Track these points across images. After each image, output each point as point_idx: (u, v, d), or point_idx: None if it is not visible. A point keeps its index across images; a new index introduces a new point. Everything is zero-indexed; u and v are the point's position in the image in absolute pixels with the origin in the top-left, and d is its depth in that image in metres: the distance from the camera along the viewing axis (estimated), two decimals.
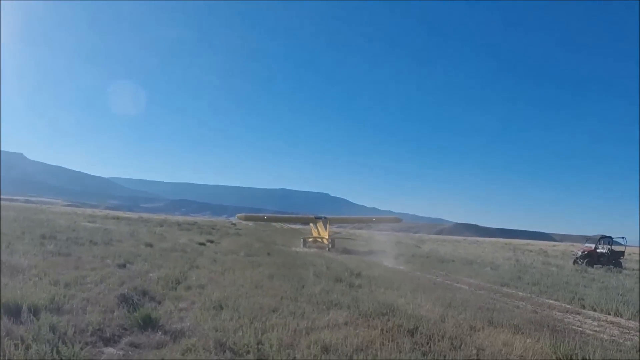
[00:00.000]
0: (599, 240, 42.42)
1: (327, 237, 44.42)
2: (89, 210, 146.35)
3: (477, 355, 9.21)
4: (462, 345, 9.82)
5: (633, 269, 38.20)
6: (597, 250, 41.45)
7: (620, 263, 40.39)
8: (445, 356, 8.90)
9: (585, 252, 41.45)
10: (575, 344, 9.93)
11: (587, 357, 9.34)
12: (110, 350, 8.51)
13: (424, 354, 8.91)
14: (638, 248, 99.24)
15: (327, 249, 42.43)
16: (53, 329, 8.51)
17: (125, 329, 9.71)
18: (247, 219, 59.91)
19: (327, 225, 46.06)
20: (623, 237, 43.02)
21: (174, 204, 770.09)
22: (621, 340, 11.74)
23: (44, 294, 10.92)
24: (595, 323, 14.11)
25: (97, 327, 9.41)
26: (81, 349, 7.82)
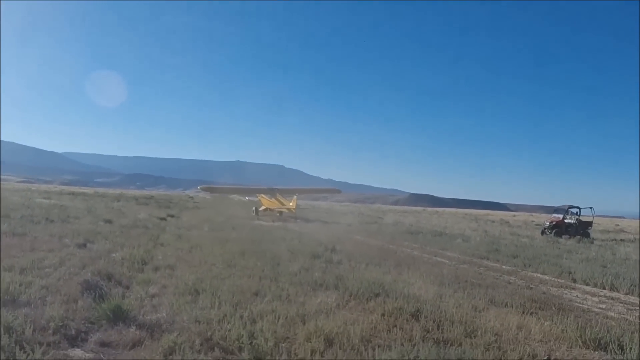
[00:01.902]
0: (567, 210, 42.14)
1: (294, 207, 47.87)
2: (43, 187, 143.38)
3: (496, 343, 8.11)
4: (477, 331, 8.69)
5: (603, 240, 37.97)
6: (565, 221, 41.16)
7: (589, 233, 40.20)
8: (462, 344, 7.82)
9: (554, 223, 41.13)
10: (600, 328, 8.94)
11: (611, 340, 8.39)
12: (77, 352, 7.01)
13: (437, 343, 7.79)
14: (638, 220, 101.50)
15: (294, 218, 45.49)
16: (9, 330, 7.09)
17: (92, 323, 8.19)
18: (210, 190, 58.69)
19: (277, 196, 49.60)
20: (591, 208, 42.83)
21: (129, 178, 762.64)
22: (631, 319, 10.87)
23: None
24: (596, 299, 13.27)
25: (60, 323, 7.83)
26: (43, 353, 6.48)
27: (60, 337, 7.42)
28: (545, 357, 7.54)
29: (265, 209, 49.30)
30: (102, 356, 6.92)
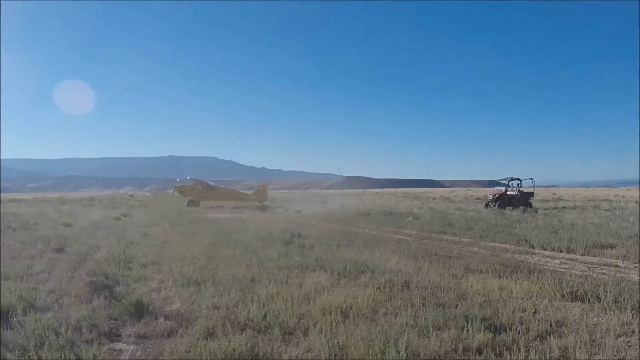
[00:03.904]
0: (509, 182, 43.76)
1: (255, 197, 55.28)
2: None
3: (486, 302, 9.18)
4: (466, 295, 9.81)
5: (545, 209, 39.68)
6: (508, 193, 42.79)
7: (531, 204, 41.96)
8: (458, 306, 8.81)
9: (497, 195, 42.77)
10: (574, 282, 10.12)
11: (586, 292, 9.59)
12: (120, 345, 7.39)
13: (436, 306, 8.75)
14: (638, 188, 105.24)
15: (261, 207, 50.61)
16: (55, 331, 7.40)
17: (115, 319, 8.54)
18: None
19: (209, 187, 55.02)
20: (531, 178, 44.59)
21: (62, 180, 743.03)
22: (595, 275, 12.05)
23: (6, 292, 9.70)
24: (557, 261, 14.48)
25: (91, 322, 8.14)
26: (95, 349, 6.83)
27: (96, 334, 7.70)
28: (533, 310, 8.60)
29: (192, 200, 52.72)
30: (148, 347, 7.29)
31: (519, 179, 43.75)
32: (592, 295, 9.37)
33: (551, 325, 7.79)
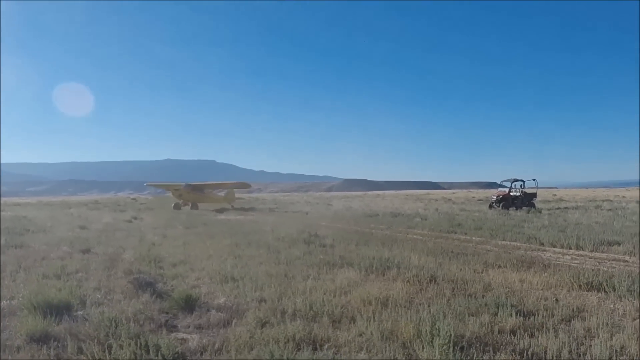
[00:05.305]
0: (512, 183, 44.38)
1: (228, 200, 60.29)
2: None
3: (510, 293, 10.02)
4: (491, 286, 10.69)
5: (548, 209, 40.44)
6: (511, 194, 43.45)
7: (534, 204, 42.59)
8: (484, 296, 9.61)
9: (500, 196, 43.38)
10: (589, 274, 11.04)
11: (602, 282, 10.50)
12: (180, 335, 7.97)
13: (466, 296, 9.59)
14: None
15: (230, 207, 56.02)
16: (128, 321, 8.07)
17: (167, 313, 9.15)
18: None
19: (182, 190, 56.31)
20: (534, 179, 45.16)
21: (61, 184, 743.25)
22: (605, 269, 12.85)
23: (52, 290, 10.06)
24: (569, 257, 15.31)
25: (146, 315, 8.81)
26: (164, 336, 7.50)
27: (154, 326, 8.30)
28: (554, 298, 9.45)
29: (184, 203, 55.96)
30: (210, 335, 7.86)
31: (522, 180, 44.35)
32: (607, 285, 10.30)
33: (573, 310, 8.69)
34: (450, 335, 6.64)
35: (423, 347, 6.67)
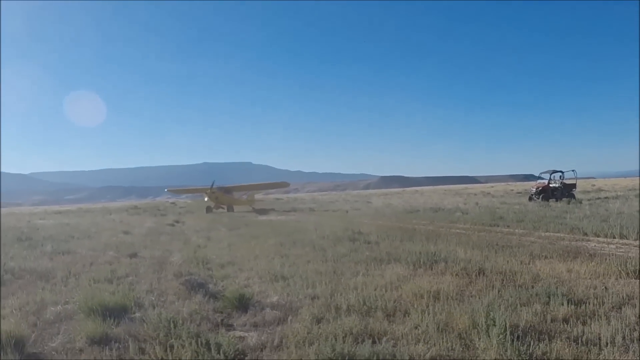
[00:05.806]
0: (551, 175, 44.14)
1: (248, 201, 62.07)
2: (18, 209, 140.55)
3: (559, 282, 10.17)
4: (539, 277, 10.86)
5: (588, 199, 40.15)
6: (551, 185, 43.20)
7: (574, 195, 42.30)
8: (533, 287, 9.75)
9: (540, 188, 43.19)
10: (636, 262, 11.14)
11: None
12: (237, 332, 8.17)
13: (516, 287, 9.76)
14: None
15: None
16: (186, 321, 8.36)
17: (221, 312, 9.38)
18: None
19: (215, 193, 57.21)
20: (573, 170, 44.92)
21: (99, 191, 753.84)
22: None
23: (106, 293, 10.18)
24: (614, 246, 15.34)
25: (201, 315, 9.04)
26: (224, 335, 7.70)
27: (211, 325, 8.56)
28: (603, 287, 9.57)
29: (217, 206, 57.71)
30: (267, 332, 8.05)
31: (561, 171, 44.09)
32: None
33: (622, 298, 8.81)
34: (506, 324, 6.81)
35: (480, 338, 6.87)
